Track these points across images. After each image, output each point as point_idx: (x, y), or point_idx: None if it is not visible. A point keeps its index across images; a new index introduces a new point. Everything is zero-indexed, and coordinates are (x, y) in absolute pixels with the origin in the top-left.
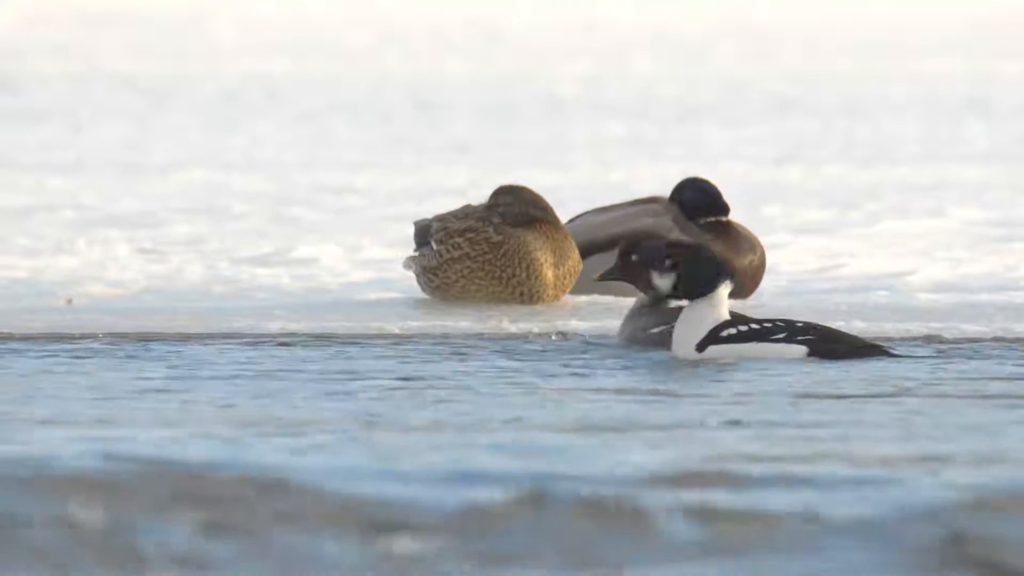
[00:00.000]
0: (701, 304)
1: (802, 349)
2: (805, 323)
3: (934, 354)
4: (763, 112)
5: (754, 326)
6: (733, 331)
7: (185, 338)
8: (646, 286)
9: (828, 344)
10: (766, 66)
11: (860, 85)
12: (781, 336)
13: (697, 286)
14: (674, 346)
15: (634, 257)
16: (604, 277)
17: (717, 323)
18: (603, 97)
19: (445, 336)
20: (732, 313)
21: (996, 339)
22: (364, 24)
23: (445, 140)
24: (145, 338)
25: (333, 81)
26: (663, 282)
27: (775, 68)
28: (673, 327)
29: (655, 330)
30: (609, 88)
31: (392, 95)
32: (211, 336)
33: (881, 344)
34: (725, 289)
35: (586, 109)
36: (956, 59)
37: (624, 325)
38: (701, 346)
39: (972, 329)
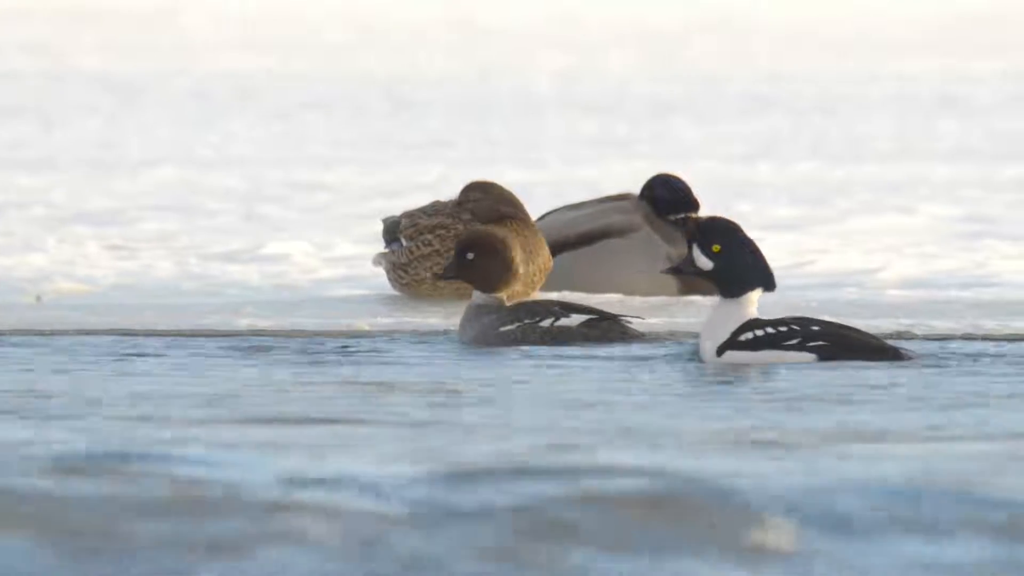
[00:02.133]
0: (729, 304)
1: (811, 356)
2: (821, 325)
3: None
4: (735, 109)
5: (770, 331)
6: (750, 336)
7: (154, 335)
8: (484, 285)
9: (839, 349)
10: (739, 63)
11: (832, 82)
12: (794, 343)
13: (731, 286)
14: (700, 344)
15: (469, 256)
16: (442, 277)
17: (740, 324)
18: (576, 94)
19: (415, 332)
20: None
21: (965, 336)
22: (338, 20)
23: (418, 137)
24: (114, 335)
25: (307, 77)
26: (701, 262)
27: (748, 65)
28: (525, 324)
29: (505, 328)
30: (582, 85)
31: (366, 92)
32: (180, 333)
33: (896, 346)
34: (756, 294)
35: (559, 106)
36: (928, 57)
37: (465, 325)
38: (720, 351)
39: (941, 325)
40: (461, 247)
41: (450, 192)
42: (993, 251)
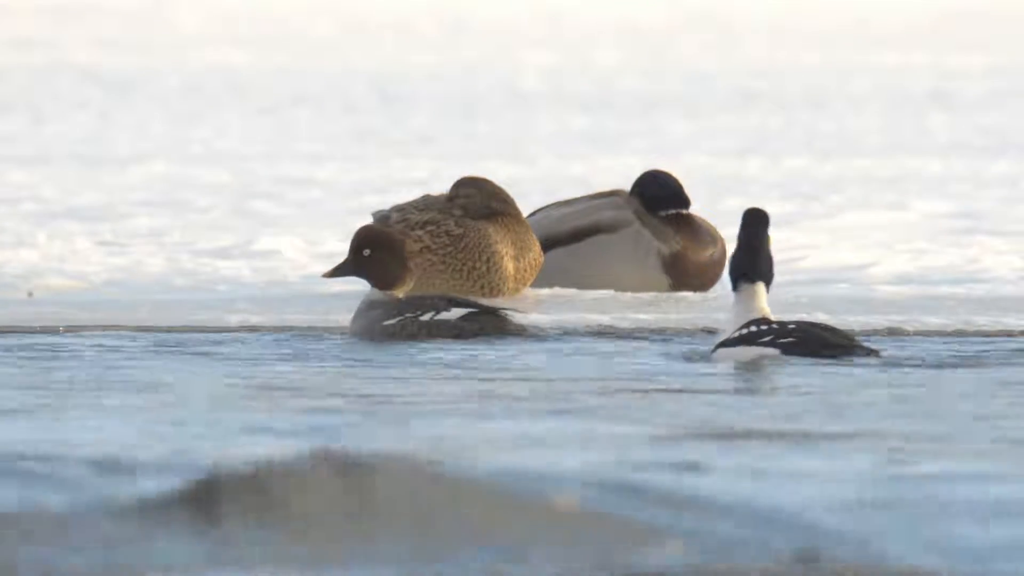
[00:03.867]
0: (736, 301)
1: (775, 352)
2: (796, 324)
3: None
4: (725, 105)
5: (752, 329)
6: (735, 335)
7: (145, 330)
8: (380, 282)
9: (805, 346)
10: (729, 59)
11: (823, 78)
12: (766, 340)
13: (735, 275)
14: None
15: (366, 253)
16: (335, 273)
17: (744, 322)
18: (566, 89)
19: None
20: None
21: (957, 332)
22: (327, 16)
23: (407, 132)
24: (106, 330)
25: (296, 73)
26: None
27: (738, 61)
28: (407, 319)
29: (388, 322)
30: (572, 80)
31: (355, 87)
32: (172, 328)
33: (864, 344)
34: (754, 288)
35: (549, 101)
36: (919, 52)
37: (356, 318)
38: (714, 349)
39: (933, 321)
40: (358, 243)
41: (440, 187)
42: (984, 247)
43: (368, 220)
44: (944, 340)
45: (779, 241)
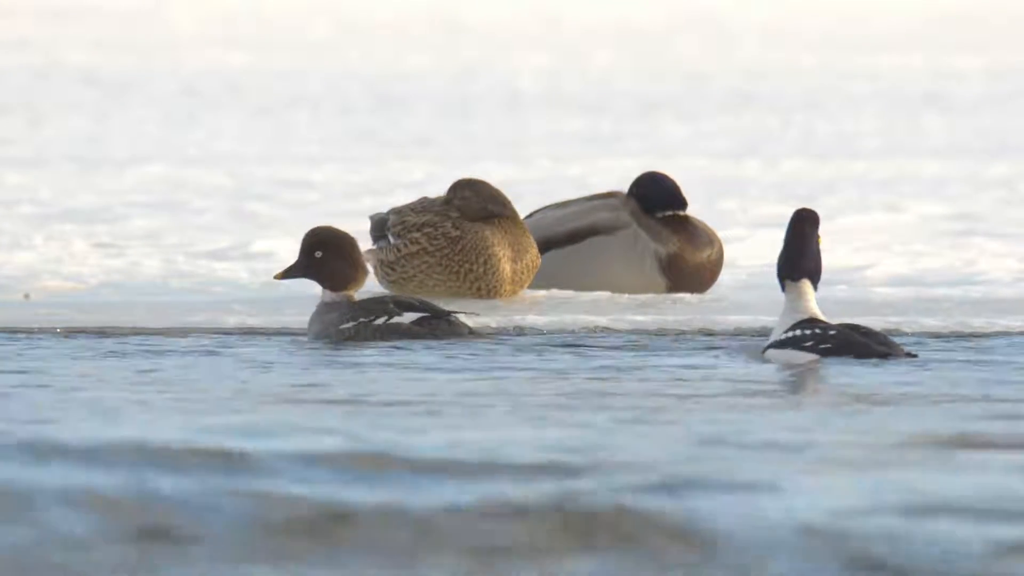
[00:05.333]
0: (786, 300)
1: (815, 357)
2: (837, 330)
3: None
4: (722, 106)
5: (797, 333)
6: (783, 337)
7: (142, 332)
8: (332, 283)
9: (844, 351)
10: (725, 60)
11: (819, 79)
12: (808, 344)
13: (781, 274)
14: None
15: (318, 254)
16: (286, 275)
17: (794, 322)
18: (562, 91)
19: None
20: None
21: (953, 333)
22: (324, 17)
23: (404, 134)
24: (102, 332)
25: (293, 75)
26: None
27: (734, 62)
28: (360, 323)
29: (345, 325)
30: (568, 82)
31: (352, 89)
32: (168, 330)
33: (903, 347)
34: (801, 286)
35: (545, 103)
36: (915, 54)
37: (312, 321)
38: (766, 349)
39: (930, 323)
40: (309, 245)
41: (437, 189)
42: (981, 249)
43: (366, 221)
44: (945, 340)
45: (776, 243)
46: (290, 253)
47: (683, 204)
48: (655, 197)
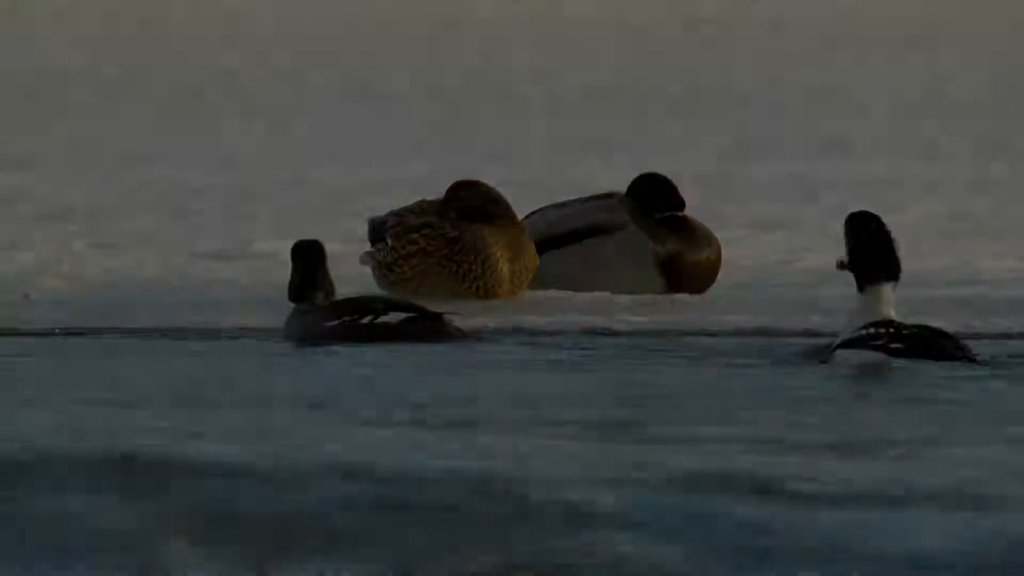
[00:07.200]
0: (861, 300)
1: (885, 357)
2: (910, 331)
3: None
4: (721, 106)
5: (871, 331)
6: (855, 336)
7: (141, 333)
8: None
9: (915, 352)
10: (724, 61)
11: (818, 79)
12: (878, 343)
13: (858, 281)
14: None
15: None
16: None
17: (865, 324)
18: (559, 92)
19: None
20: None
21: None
22: (323, 18)
23: (402, 135)
24: (101, 333)
25: (290, 75)
26: (844, 256)
27: (733, 63)
28: (346, 322)
29: (330, 324)
30: (566, 83)
31: (349, 89)
32: (167, 331)
33: (971, 352)
34: (884, 288)
35: (543, 104)
36: (915, 54)
37: (291, 321)
38: (834, 349)
39: (931, 324)
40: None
41: (436, 191)
42: (981, 250)
43: (364, 223)
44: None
45: (775, 243)
46: (289, 254)
47: (681, 204)
48: (654, 197)
